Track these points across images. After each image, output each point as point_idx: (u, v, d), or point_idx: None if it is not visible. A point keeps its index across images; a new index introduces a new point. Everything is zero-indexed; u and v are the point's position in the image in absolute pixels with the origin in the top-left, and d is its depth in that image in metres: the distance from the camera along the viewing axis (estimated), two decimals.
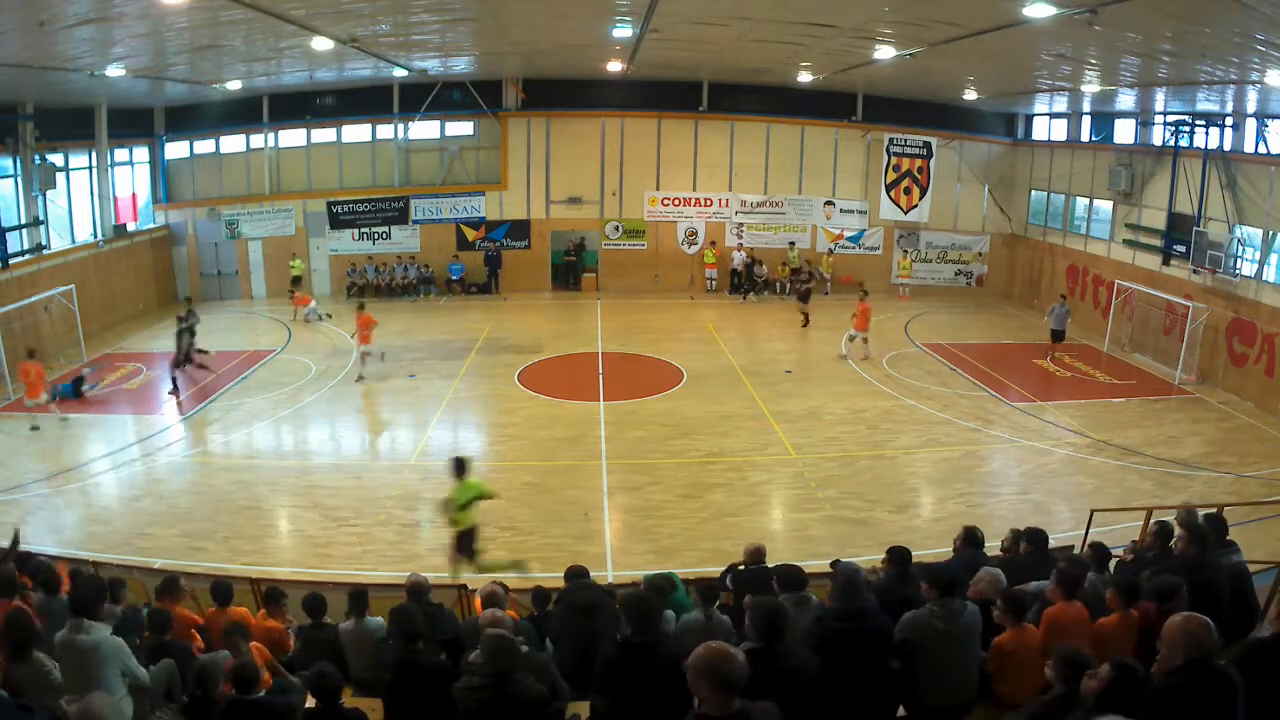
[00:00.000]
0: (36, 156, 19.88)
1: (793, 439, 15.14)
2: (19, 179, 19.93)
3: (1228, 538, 6.62)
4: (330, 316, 23.67)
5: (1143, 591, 5.61)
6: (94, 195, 22.87)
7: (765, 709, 3.28)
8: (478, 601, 7.34)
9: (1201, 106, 18.77)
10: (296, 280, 25.43)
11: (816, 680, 4.41)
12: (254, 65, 19.93)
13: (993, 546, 7.66)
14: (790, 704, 3.93)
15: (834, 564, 7.12)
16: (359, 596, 6.70)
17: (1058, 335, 20.70)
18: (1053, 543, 7.27)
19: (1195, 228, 19.05)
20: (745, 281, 26.80)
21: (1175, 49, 13.53)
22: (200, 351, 18.57)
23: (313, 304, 23.82)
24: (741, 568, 7.64)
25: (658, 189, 27.29)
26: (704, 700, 3.14)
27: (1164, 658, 3.91)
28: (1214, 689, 3.76)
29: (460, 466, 9.65)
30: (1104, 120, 23.67)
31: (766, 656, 4.28)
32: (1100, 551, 6.96)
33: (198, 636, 6.73)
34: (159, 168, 25.70)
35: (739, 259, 26.86)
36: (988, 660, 5.34)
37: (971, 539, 7.34)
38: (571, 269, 27.60)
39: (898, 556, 6.76)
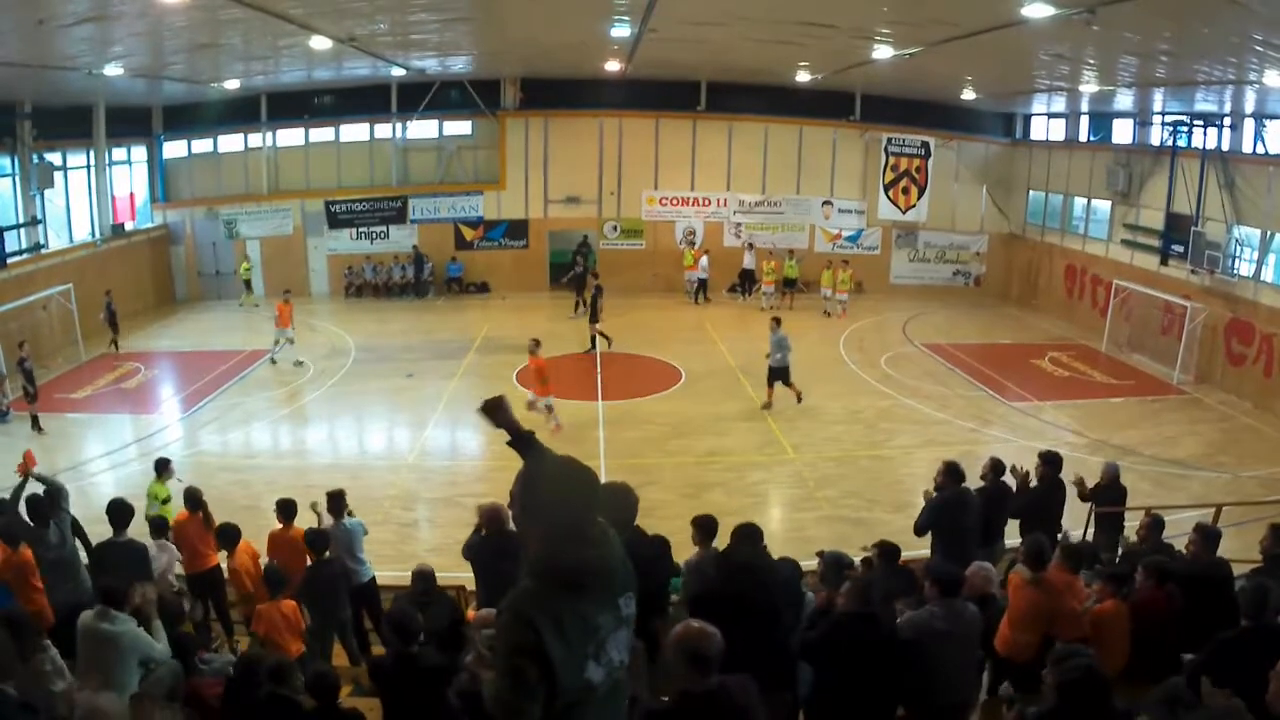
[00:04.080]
0: (34, 155, 19.82)
1: (791, 438, 15.15)
2: (17, 178, 19.88)
3: None
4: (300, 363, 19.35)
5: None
6: (92, 194, 22.80)
7: (740, 683, 3.32)
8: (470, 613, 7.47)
9: (1199, 106, 18.78)
10: (248, 284, 25.35)
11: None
12: (252, 64, 19.91)
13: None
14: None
15: (820, 554, 7.20)
16: (337, 498, 8.34)
17: (780, 374, 16.20)
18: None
19: (1193, 228, 19.06)
20: (744, 284, 26.67)
21: (1173, 49, 13.55)
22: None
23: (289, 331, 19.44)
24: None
25: (656, 189, 27.27)
26: (680, 677, 3.20)
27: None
28: None
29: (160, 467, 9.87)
30: (1102, 120, 23.68)
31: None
32: (1088, 549, 7.00)
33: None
34: (157, 167, 25.64)
35: (704, 264, 25.92)
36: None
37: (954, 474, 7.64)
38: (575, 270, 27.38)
39: (890, 551, 6.84)
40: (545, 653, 2.38)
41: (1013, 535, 8.39)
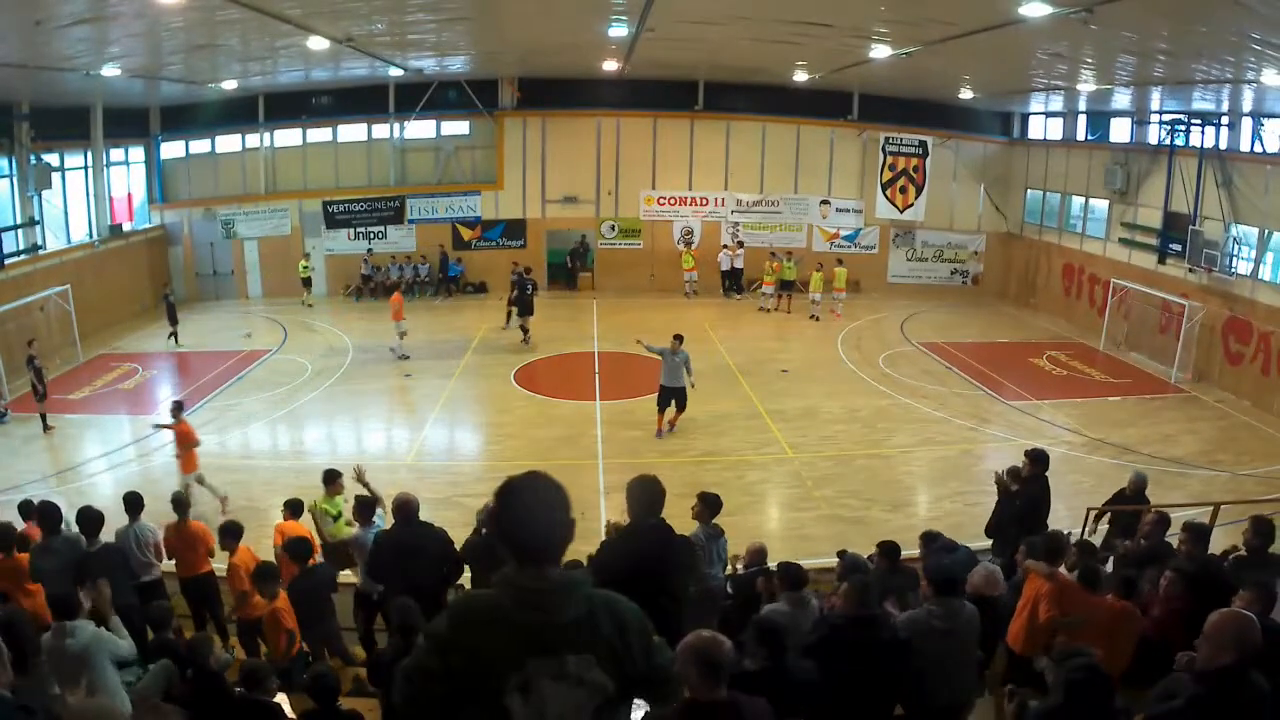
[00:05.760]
0: (32, 156, 19.80)
1: (789, 438, 15.15)
2: (15, 179, 19.85)
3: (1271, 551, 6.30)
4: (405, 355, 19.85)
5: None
6: (90, 195, 22.76)
7: (757, 704, 3.30)
8: None
9: (1197, 105, 18.80)
10: (307, 282, 25.38)
11: (820, 692, 4.44)
12: (249, 65, 19.88)
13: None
14: (796, 714, 4.00)
15: (841, 554, 7.21)
16: (366, 506, 8.28)
17: (672, 395, 14.90)
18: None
19: (1191, 226, 19.09)
20: (734, 282, 26.72)
21: (1171, 48, 13.55)
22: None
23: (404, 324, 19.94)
24: (741, 570, 7.65)
25: (653, 188, 27.26)
26: (692, 687, 3.18)
27: (1208, 655, 3.63)
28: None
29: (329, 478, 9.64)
30: (1099, 119, 23.69)
31: (772, 674, 4.31)
32: (1088, 549, 7.02)
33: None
34: (154, 168, 25.61)
35: (725, 259, 26.47)
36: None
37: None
38: (572, 269, 27.54)
39: (889, 550, 6.87)
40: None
41: None
